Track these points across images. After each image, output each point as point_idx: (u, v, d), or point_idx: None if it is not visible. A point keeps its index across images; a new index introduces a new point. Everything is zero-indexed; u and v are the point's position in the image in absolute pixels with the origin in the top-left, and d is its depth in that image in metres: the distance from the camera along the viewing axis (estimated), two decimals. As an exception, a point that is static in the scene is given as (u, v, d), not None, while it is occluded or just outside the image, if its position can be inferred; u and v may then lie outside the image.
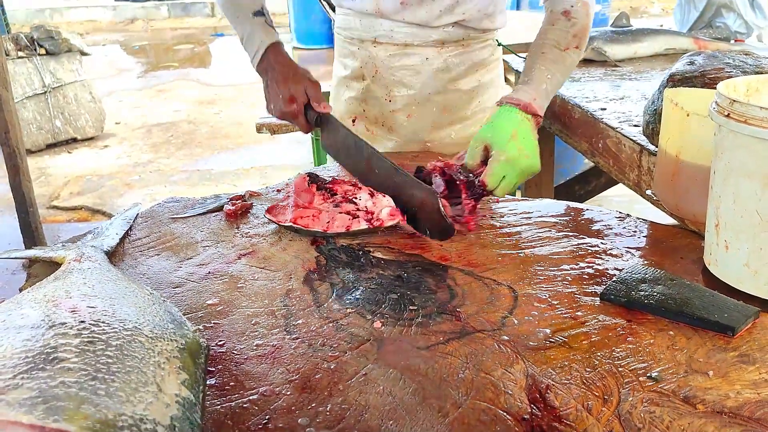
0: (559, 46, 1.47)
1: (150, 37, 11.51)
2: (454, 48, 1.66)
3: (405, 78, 1.68)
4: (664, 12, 11.90)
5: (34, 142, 5.61)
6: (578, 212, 1.35)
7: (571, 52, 1.48)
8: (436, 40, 1.63)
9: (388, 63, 1.68)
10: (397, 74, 1.68)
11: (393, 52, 1.66)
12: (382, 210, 1.27)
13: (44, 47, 5.63)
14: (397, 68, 1.68)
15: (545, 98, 1.43)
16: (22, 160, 3.37)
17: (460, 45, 1.66)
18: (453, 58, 1.67)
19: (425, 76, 1.67)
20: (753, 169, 0.96)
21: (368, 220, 1.26)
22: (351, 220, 1.26)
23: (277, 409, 0.80)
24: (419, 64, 1.66)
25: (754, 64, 1.56)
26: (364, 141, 1.40)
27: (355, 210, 1.29)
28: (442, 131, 1.75)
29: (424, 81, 1.68)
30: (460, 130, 1.76)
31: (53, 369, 0.66)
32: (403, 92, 1.70)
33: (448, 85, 1.70)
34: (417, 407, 0.80)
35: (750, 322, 0.93)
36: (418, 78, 1.68)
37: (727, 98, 0.98)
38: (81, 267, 1.05)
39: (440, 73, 1.68)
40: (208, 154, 5.61)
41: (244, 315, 1.01)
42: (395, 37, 1.64)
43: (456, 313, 0.99)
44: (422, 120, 1.73)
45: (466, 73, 1.70)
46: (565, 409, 0.79)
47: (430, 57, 1.65)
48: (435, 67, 1.66)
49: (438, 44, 1.64)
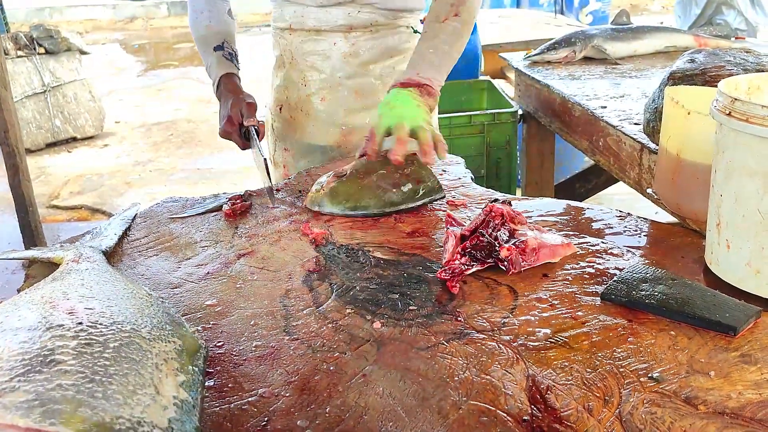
0: (437, 19, 1.58)
1: (150, 35, 11.50)
2: (361, 33, 1.72)
3: (316, 62, 1.76)
4: (664, 9, 11.89)
5: (33, 142, 5.60)
6: (578, 211, 1.34)
7: (450, 20, 1.57)
8: (343, 24, 1.70)
9: (300, 49, 1.77)
10: (309, 59, 1.77)
11: (304, 38, 1.75)
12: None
13: (44, 46, 5.63)
14: (308, 53, 1.76)
15: (432, 69, 1.52)
16: (22, 159, 3.36)
17: (368, 31, 1.72)
18: (362, 43, 1.73)
19: (334, 60, 1.74)
20: (754, 168, 0.95)
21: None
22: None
23: (276, 411, 0.80)
24: (328, 49, 1.74)
25: (754, 61, 1.56)
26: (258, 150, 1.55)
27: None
28: (357, 116, 1.79)
29: (333, 65, 1.75)
30: (375, 115, 1.77)
31: (50, 371, 0.66)
32: (315, 76, 1.78)
33: (359, 69, 1.75)
34: (417, 408, 0.79)
35: (752, 321, 0.92)
36: (327, 62, 1.75)
37: (728, 96, 0.97)
38: (79, 268, 1.05)
39: (349, 57, 1.74)
40: (207, 153, 5.60)
41: (243, 316, 1.01)
42: (306, 22, 1.72)
43: (456, 313, 0.99)
44: (336, 104, 1.79)
45: (377, 59, 1.76)
46: (565, 410, 0.79)
47: (338, 42, 1.73)
48: (343, 51, 1.73)
49: (345, 29, 1.71)
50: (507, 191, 2.71)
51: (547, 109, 2.53)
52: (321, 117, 1.81)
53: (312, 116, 1.82)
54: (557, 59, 2.73)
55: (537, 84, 2.58)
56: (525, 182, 3.06)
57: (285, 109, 1.86)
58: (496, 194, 1.43)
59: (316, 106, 1.80)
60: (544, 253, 1.11)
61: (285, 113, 1.86)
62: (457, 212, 1.35)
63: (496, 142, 2.80)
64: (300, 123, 1.84)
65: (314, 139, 1.83)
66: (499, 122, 2.78)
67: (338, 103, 1.78)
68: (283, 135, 1.89)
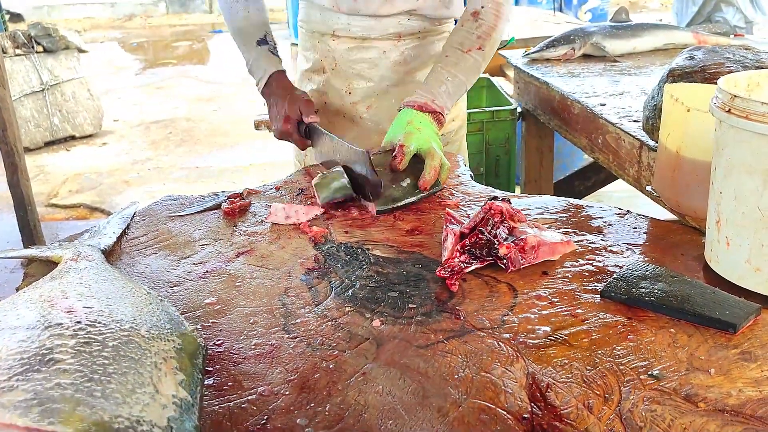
0: (462, 47, 1.56)
1: (148, 33, 11.48)
2: (410, 41, 1.70)
3: (363, 71, 1.72)
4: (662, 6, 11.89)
5: (32, 140, 5.60)
6: (578, 209, 1.34)
7: (473, 53, 1.56)
8: (393, 33, 1.67)
9: (346, 56, 1.72)
10: (356, 67, 1.72)
11: (351, 46, 1.70)
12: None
13: (42, 45, 5.62)
14: (355, 61, 1.72)
15: (446, 97, 1.52)
16: (20, 158, 3.36)
17: (416, 38, 1.70)
18: (410, 50, 1.71)
19: (383, 69, 1.71)
20: (754, 165, 0.95)
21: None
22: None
23: (275, 410, 0.80)
24: (377, 57, 1.70)
25: (754, 58, 1.56)
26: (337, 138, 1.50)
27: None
28: None
29: (382, 74, 1.72)
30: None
31: (49, 370, 0.66)
32: (362, 85, 1.74)
33: (406, 77, 1.73)
34: (416, 406, 0.79)
35: (751, 319, 0.92)
36: (376, 71, 1.72)
37: (728, 93, 0.97)
38: (78, 266, 1.05)
39: (397, 65, 1.71)
40: (206, 152, 5.60)
41: (242, 314, 1.01)
42: (353, 30, 1.68)
43: (455, 311, 0.99)
44: (381, 111, 1.76)
45: (423, 66, 1.74)
46: (565, 408, 0.78)
47: (387, 50, 1.69)
48: (392, 60, 1.70)
49: (395, 37, 1.68)
50: (506, 189, 2.71)
51: (546, 106, 2.53)
52: (366, 124, 1.78)
53: (355, 123, 1.78)
54: (556, 57, 2.73)
55: (536, 81, 2.58)
56: (524, 180, 3.05)
57: (321, 115, 1.79)
58: (496, 192, 1.43)
59: (360, 114, 1.76)
60: (544, 250, 1.11)
61: (322, 118, 1.79)
62: (457, 210, 1.35)
63: (495, 139, 2.80)
64: (341, 127, 1.79)
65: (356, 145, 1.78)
66: (498, 120, 2.78)
67: (384, 110, 1.75)
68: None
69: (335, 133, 1.75)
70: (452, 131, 1.86)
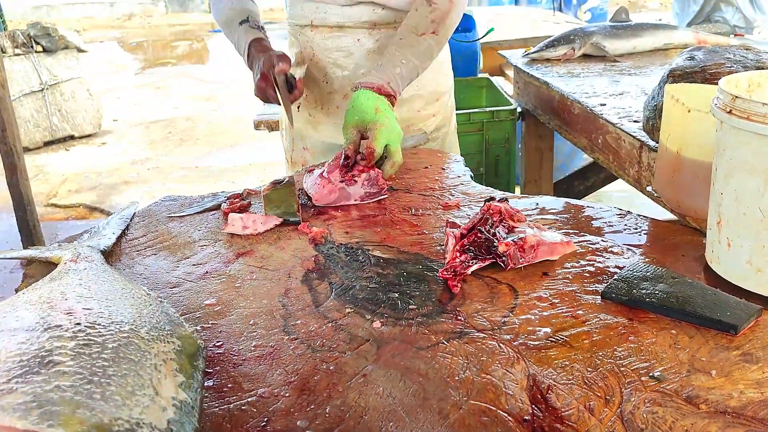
0: (416, 31, 1.57)
1: (147, 33, 11.48)
2: (385, 30, 1.71)
3: (339, 59, 1.75)
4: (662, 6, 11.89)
5: (31, 140, 5.60)
6: (578, 209, 1.34)
7: (427, 37, 1.57)
8: (367, 21, 1.69)
9: (323, 45, 1.75)
10: (332, 56, 1.75)
11: (327, 35, 1.73)
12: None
13: (41, 44, 5.62)
14: (331, 50, 1.74)
15: (400, 81, 1.54)
16: (20, 158, 3.36)
17: (391, 27, 1.71)
18: (384, 39, 1.71)
19: (358, 58, 1.73)
20: (755, 166, 0.95)
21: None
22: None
23: (275, 411, 0.79)
24: (351, 45, 1.72)
25: (754, 59, 1.55)
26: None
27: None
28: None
29: (357, 62, 1.74)
30: (397, 112, 1.78)
31: (48, 373, 0.65)
32: (338, 73, 1.76)
33: None
34: (417, 408, 0.79)
35: (753, 320, 0.92)
36: (351, 59, 1.73)
37: (729, 94, 0.97)
38: (77, 267, 1.04)
39: (372, 54, 1.73)
40: (206, 151, 5.60)
41: (242, 315, 1.01)
42: (329, 19, 1.71)
43: (456, 312, 0.98)
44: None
45: None
46: (566, 410, 0.78)
47: (361, 38, 1.71)
48: (367, 48, 1.72)
49: (369, 26, 1.70)
50: (506, 189, 2.71)
51: (546, 106, 2.52)
52: (342, 114, 1.78)
53: (332, 114, 1.80)
54: (556, 57, 2.73)
55: (536, 81, 2.57)
56: (524, 180, 3.05)
57: (303, 108, 1.84)
58: (495, 192, 1.43)
59: (337, 104, 1.78)
60: (543, 250, 1.11)
61: (304, 112, 1.84)
62: (457, 211, 1.34)
63: (495, 139, 2.79)
64: (320, 121, 1.82)
65: (335, 138, 1.80)
66: (497, 120, 2.77)
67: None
68: (302, 134, 1.87)
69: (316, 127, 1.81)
70: (433, 128, 1.87)
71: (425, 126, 1.84)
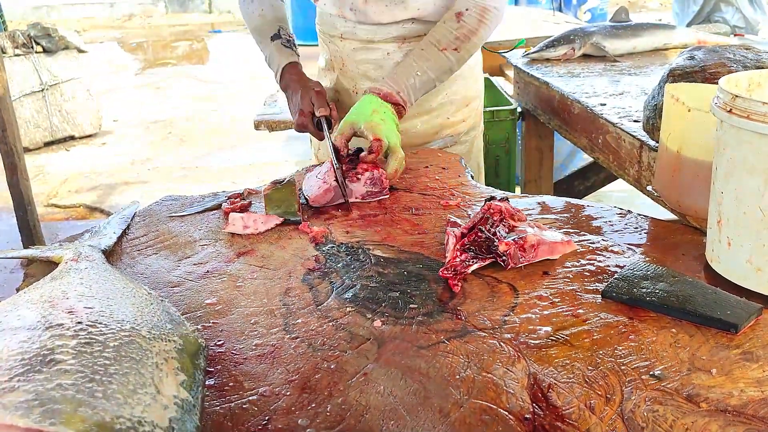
0: (438, 45, 1.57)
1: (147, 34, 11.48)
2: (414, 42, 1.69)
3: (369, 71, 1.75)
4: (662, 6, 11.89)
5: (31, 140, 5.59)
6: (578, 209, 1.34)
7: (448, 53, 1.57)
8: (396, 36, 1.69)
9: (353, 56, 1.75)
10: (362, 67, 1.75)
11: (357, 47, 1.73)
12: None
13: (41, 45, 5.62)
14: (361, 62, 1.74)
15: (411, 92, 1.56)
16: (20, 158, 3.36)
17: (419, 40, 1.70)
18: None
19: (387, 69, 1.72)
20: (755, 165, 0.95)
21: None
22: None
23: (276, 410, 0.80)
24: (381, 59, 1.72)
25: (754, 58, 1.55)
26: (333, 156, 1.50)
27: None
28: (408, 122, 1.77)
29: (386, 74, 1.71)
30: (426, 122, 1.80)
31: (50, 371, 0.66)
32: (368, 85, 1.74)
33: None
34: (418, 407, 0.79)
35: (753, 319, 0.92)
36: (381, 72, 1.73)
37: (729, 93, 0.97)
38: (78, 267, 1.04)
39: None
40: (206, 152, 5.60)
41: (243, 314, 1.01)
42: (358, 34, 1.71)
43: (457, 311, 0.99)
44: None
45: None
46: (567, 409, 0.78)
47: (391, 52, 1.71)
48: (396, 61, 1.71)
49: (398, 40, 1.70)
50: (506, 189, 2.71)
51: (546, 106, 2.52)
52: None
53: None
54: (556, 57, 2.73)
55: (536, 81, 2.58)
56: (524, 180, 3.05)
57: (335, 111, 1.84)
58: (496, 192, 1.43)
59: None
60: (543, 249, 1.11)
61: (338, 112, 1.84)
62: (457, 210, 1.35)
63: (495, 139, 2.79)
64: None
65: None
66: (498, 120, 2.77)
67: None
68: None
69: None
70: (462, 132, 1.87)
71: (455, 131, 1.84)
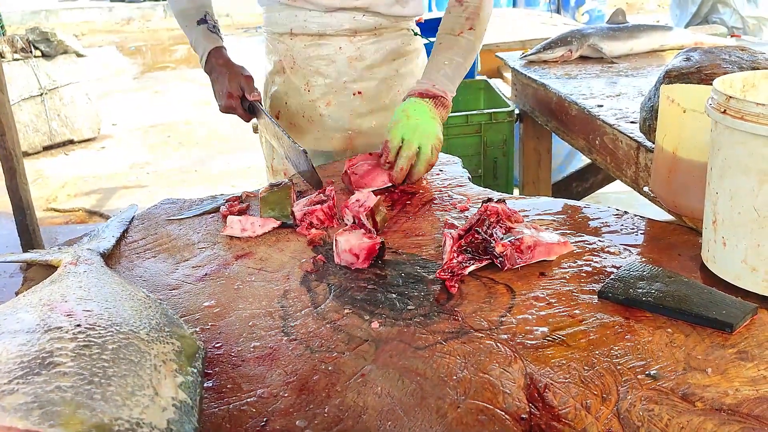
0: (452, 32, 1.61)
1: (146, 37, 11.49)
2: (366, 36, 1.73)
3: (321, 67, 1.76)
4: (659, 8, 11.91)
5: (30, 145, 5.60)
6: (575, 210, 1.35)
7: (465, 34, 1.61)
8: (348, 29, 1.71)
9: (303, 53, 1.75)
10: (313, 64, 1.76)
11: (308, 43, 1.74)
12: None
13: (40, 49, 5.63)
14: (312, 58, 1.75)
15: (447, 80, 1.58)
16: (19, 162, 3.37)
17: (372, 34, 1.73)
18: (366, 46, 1.74)
19: (339, 65, 1.74)
20: (749, 166, 0.95)
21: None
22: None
23: (274, 412, 0.80)
24: (333, 53, 1.73)
25: (750, 59, 1.56)
26: (282, 129, 1.57)
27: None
28: (363, 120, 1.80)
29: (339, 69, 1.75)
30: (381, 119, 1.81)
31: (49, 374, 0.66)
32: (320, 81, 1.77)
33: (364, 73, 1.76)
34: (415, 407, 0.79)
35: (748, 318, 0.93)
36: (333, 66, 1.75)
37: (723, 94, 0.98)
38: (77, 270, 1.05)
39: (354, 61, 1.74)
40: (205, 155, 5.60)
41: (241, 317, 1.01)
42: (309, 27, 1.71)
43: (454, 312, 0.99)
44: (341, 108, 1.79)
45: (381, 62, 1.77)
46: (563, 408, 0.79)
47: (342, 46, 1.73)
48: (348, 56, 1.73)
49: (350, 33, 1.71)
50: (504, 190, 2.71)
51: (543, 108, 2.53)
52: (326, 122, 1.80)
53: (316, 122, 1.80)
54: (553, 58, 2.74)
55: (533, 83, 2.58)
56: (522, 181, 3.06)
57: (283, 116, 1.85)
58: (494, 194, 1.43)
59: (320, 112, 1.79)
60: (540, 250, 1.12)
61: (284, 120, 1.84)
62: (455, 212, 1.35)
63: (493, 141, 2.80)
64: (302, 129, 1.83)
65: (319, 145, 1.82)
66: (495, 122, 2.78)
67: (344, 107, 1.78)
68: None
69: (299, 135, 1.81)
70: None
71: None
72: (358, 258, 1.14)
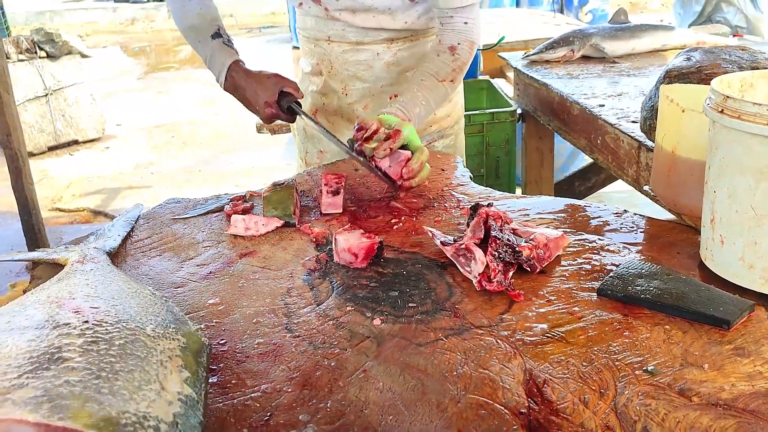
0: (437, 76, 1.62)
1: (150, 38, 11.52)
2: (402, 43, 1.76)
3: (359, 72, 1.78)
4: (663, 7, 11.89)
5: (35, 145, 5.63)
6: (576, 209, 1.36)
7: (446, 84, 1.62)
8: (386, 38, 1.74)
9: (341, 59, 1.77)
10: (351, 69, 1.78)
11: (346, 48, 1.76)
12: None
13: (45, 50, 5.66)
14: (350, 63, 1.77)
15: (417, 120, 1.58)
16: (24, 162, 3.39)
17: (407, 41, 1.76)
18: (402, 52, 1.77)
19: (377, 70, 1.77)
20: (747, 164, 0.97)
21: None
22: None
23: (278, 406, 0.81)
24: (371, 59, 1.76)
25: (750, 59, 1.57)
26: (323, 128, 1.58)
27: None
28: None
29: (377, 74, 1.77)
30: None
31: (58, 368, 0.68)
32: (358, 85, 1.80)
33: (399, 77, 1.79)
34: (416, 402, 0.81)
35: (745, 315, 0.94)
36: (370, 72, 1.77)
37: (720, 94, 0.99)
38: (84, 268, 1.07)
39: (391, 66, 1.77)
40: (209, 155, 5.62)
41: (246, 314, 1.03)
42: (347, 36, 1.74)
43: (455, 309, 1.00)
44: (378, 110, 1.77)
45: (414, 65, 1.78)
46: (561, 403, 0.80)
47: (380, 52, 1.75)
48: (385, 61, 1.76)
49: (387, 41, 1.74)
50: (507, 190, 2.71)
51: (545, 108, 2.54)
52: None
53: (354, 121, 1.80)
54: (556, 58, 2.75)
55: (536, 83, 2.59)
56: (525, 181, 3.07)
57: (321, 114, 1.87)
58: (495, 193, 1.45)
59: (358, 113, 1.82)
60: (553, 246, 1.13)
61: (322, 118, 1.87)
62: (454, 212, 1.36)
63: (495, 141, 2.81)
64: (340, 127, 1.85)
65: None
66: (498, 121, 2.79)
67: (380, 109, 1.75)
68: (319, 137, 1.89)
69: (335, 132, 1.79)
70: (447, 126, 1.93)
71: (440, 126, 1.90)
72: (356, 257, 1.15)
